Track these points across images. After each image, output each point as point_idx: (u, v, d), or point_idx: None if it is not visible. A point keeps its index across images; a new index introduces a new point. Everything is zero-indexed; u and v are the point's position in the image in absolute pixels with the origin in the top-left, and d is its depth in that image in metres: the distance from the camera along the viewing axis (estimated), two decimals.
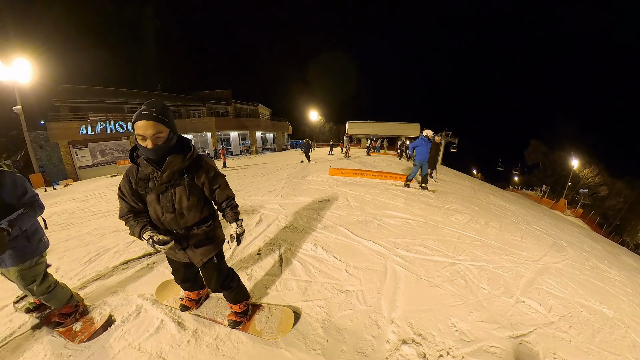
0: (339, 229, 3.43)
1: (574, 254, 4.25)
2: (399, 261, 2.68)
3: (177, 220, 1.34)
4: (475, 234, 3.63)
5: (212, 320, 1.77)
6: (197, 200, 1.37)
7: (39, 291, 1.52)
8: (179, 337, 1.64)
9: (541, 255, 3.47)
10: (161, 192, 1.30)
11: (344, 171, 7.52)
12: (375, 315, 1.92)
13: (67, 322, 1.65)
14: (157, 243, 1.22)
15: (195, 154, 1.36)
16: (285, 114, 40.22)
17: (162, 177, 1.27)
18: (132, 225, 1.31)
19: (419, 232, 3.47)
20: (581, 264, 3.69)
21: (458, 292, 2.24)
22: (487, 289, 2.32)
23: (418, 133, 25.63)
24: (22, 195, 1.44)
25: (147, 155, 1.22)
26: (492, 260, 2.88)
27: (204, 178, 1.38)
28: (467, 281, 2.41)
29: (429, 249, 2.99)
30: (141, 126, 1.14)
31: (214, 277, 1.52)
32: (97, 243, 3.18)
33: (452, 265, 2.67)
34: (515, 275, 2.64)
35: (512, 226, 4.64)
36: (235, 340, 1.64)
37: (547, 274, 2.85)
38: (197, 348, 1.57)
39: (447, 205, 4.96)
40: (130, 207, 1.34)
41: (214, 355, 1.52)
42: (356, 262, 2.64)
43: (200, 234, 1.41)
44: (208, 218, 1.46)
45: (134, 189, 1.31)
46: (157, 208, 1.32)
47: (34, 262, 1.50)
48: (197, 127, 23.16)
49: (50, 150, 17.88)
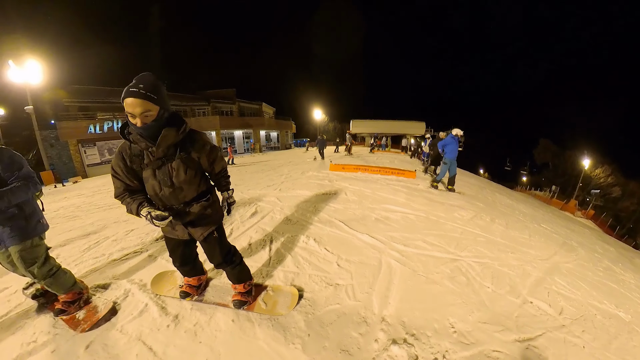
0: (334, 222, 3.34)
1: (586, 254, 4.00)
2: (395, 255, 2.52)
3: (176, 195, 1.33)
4: (479, 230, 3.42)
5: (215, 304, 1.74)
6: (195, 173, 1.36)
7: (40, 274, 1.49)
8: (160, 321, 1.64)
9: (551, 254, 3.24)
10: (157, 167, 1.28)
11: (345, 167, 7.38)
12: (364, 311, 1.79)
13: (71, 309, 1.62)
14: (156, 219, 1.20)
15: (188, 128, 1.34)
16: (289, 113, 40.31)
17: (158, 152, 1.25)
18: (129, 203, 1.29)
19: (419, 226, 3.29)
20: (594, 265, 3.44)
21: (458, 289, 2.07)
22: (490, 288, 2.13)
23: (423, 131, 25.17)
24: (17, 169, 1.44)
25: (137, 131, 1.20)
26: (497, 258, 2.68)
27: (201, 151, 1.38)
28: (469, 278, 2.23)
29: (428, 244, 2.81)
30: (129, 103, 1.11)
31: (217, 251, 1.52)
32: (98, 233, 3.30)
33: (454, 261, 2.49)
34: (522, 274, 2.44)
35: (520, 224, 4.40)
36: (214, 327, 1.60)
37: (557, 274, 2.64)
38: (176, 333, 1.56)
39: (451, 201, 4.74)
40: (126, 186, 1.32)
41: (191, 341, 1.50)
42: (349, 255, 2.52)
43: (199, 209, 1.41)
44: (206, 192, 1.46)
45: (129, 166, 1.29)
46: (155, 183, 1.30)
47: (34, 243, 1.49)
48: (201, 126, 23.34)
49: (60, 149, 18.47)
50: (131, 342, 1.49)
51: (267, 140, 29.61)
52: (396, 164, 9.61)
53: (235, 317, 1.67)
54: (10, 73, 11.74)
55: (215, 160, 1.50)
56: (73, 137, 17.65)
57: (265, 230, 3.13)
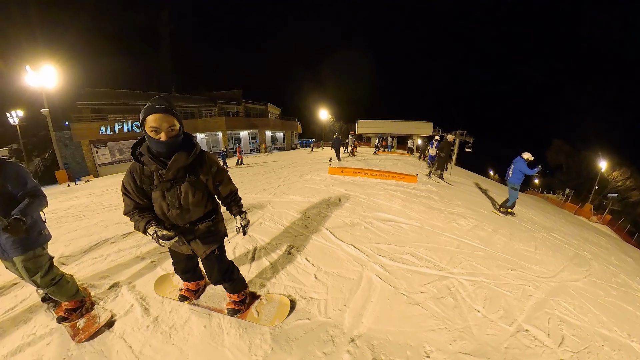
0: (321, 231, 3.22)
1: (599, 268, 3.69)
2: (378, 270, 2.36)
3: (183, 216, 1.37)
4: (478, 242, 3.19)
5: (210, 309, 1.79)
6: (202, 195, 1.39)
7: (43, 283, 1.54)
8: (141, 321, 1.74)
9: (558, 270, 2.98)
10: (166, 189, 1.31)
11: (343, 170, 7.21)
12: (333, 329, 1.69)
13: (73, 317, 1.67)
14: (162, 238, 1.23)
15: (199, 150, 1.36)
16: (295, 113, 40.26)
17: (167, 175, 1.29)
18: (137, 220, 1.32)
19: (410, 238, 3.10)
20: (607, 282, 3.15)
21: (443, 313, 1.88)
22: (481, 312, 1.93)
23: (431, 132, 24.56)
24: (23, 185, 1.49)
25: (159, 148, 1.23)
26: (494, 276, 2.46)
27: (208, 174, 1.40)
28: (458, 300, 2.04)
29: (418, 258, 2.63)
30: (157, 118, 1.16)
31: (215, 269, 1.55)
32: (99, 234, 3.42)
33: (443, 279, 2.30)
34: (521, 296, 2.22)
35: (526, 234, 4.12)
36: (187, 331, 1.66)
37: (562, 295, 2.40)
38: (153, 334, 1.64)
39: (452, 208, 4.50)
40: (136, 204, 1.35)
41: (165, 343, 1.58)
42: (329, 267, 2.41)
43: (204, 229, 1.44)
44: (211, 213, 1.48)
45: (139, 186, 1.33)
46: (163, 204, 1.34)
47: (36, 253, 1.53)
48: (208, 126, 23.67)
49: (74, 149, 19.24)
50: (114, 339, 1.60)
51: (273, 141, 29.70)
52: (399, 166, 9.34)
53: (207, 323, 1.72)
54: (28, 77, 12.51)
55: (222, 184, 1.49)
56: (86, 138, 18.44)
57: (252, 236, 3.07)
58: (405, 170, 8.26)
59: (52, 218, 4.55)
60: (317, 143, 30.00)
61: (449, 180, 7.81)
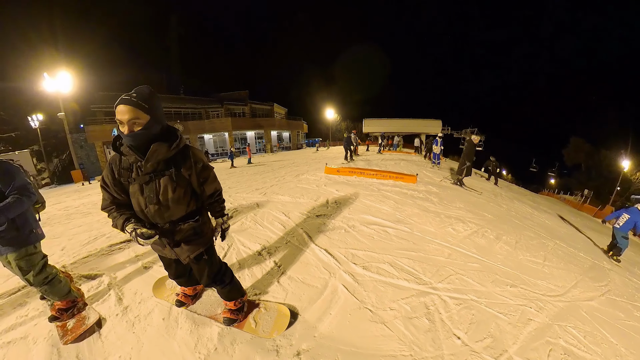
0: (297, 232, 3.08)
1: (620, 281, 3.20)
2: (347, 280, 2.11)
3: (162, 213, 1.27)
4: (475, 251, 2.81)
5: (206, 316, 1.71)
6: (184, 192, 1.30)
7: (36, 281, 1.56)
8: (114, 309, 1.82)
9: (569, 285, 2.56)
10: (145, 182, 1.24)
11: (340, 170, 6.91)
12: (281, 339, 1.54)
13: (64, 317, 1.68)
14: (141, 237, 1.17)
15: (182, 144, 1.28)
16: (301, 113, 40.09)
17: (146, 167, 1.21)
18: (115, 217, 1.26)
19: (394, 244, 2.77)
20: (629, 299, 2.69)
21: (412, 336, 1.58)
22: (462, 339, 1.60)
23: (439, 130, 23.69)
24: (10, 183, 1.49)
25: (126, 141, 1.17)
26: (487, 293, 2.10)
27: (191, 169, 1.30)
28: (435, 322, 1.71)
29: (397, 268, 2.30)
30: (119, 110, 1.11)
31: (205, 272, 1.48)
32: (99, 229, 3.60)
33: (422, 295, 1.98)
34: (518, 319, 1.86)
35: (535, 241, 3.67)
36: (148, 322, 1.71)
37: (571, 319, 2.00)
38: (119, 322, 1.72)
39: (450, 211, 4.10)
40: (113, 198, 1.29)
41: (127, 331, 1.64)
42: (295, 272, 2.25)
43: (187, 229, 1.35)
44: (195, 213, 1.38)
45: (117, 179, 1.26)
46: (141, 199, 1.26)
47: (28, 251, 1.54)
48: (215, 127, 24.04)
49: (88, 150, 20.42)
50: (88, 311, 1.75)
51: (279, 140, 29.70)
52: (401, 166, 8.89)
53: (166, 315, 1.76)
54: (46, 84, 13.28)
55: (207, 182, 1.39)
56: (99, 140, 19.39)
57: (230, 236, 3.04)
58: (407, 170, 7.83)
59: (64, 215, 4.87)
60: (323, 142, 29.71)
61: (473, 187, 6.55)
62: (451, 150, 30.30)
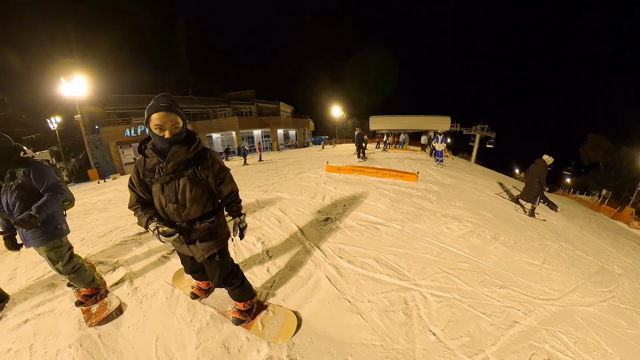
0: (290, 227, 3.16)
1: (630, 288, 3.01)
2: (331, 272, 2.19)
3: (180, 212, 1.34)
4: (467, 251, 2.72)
5: (217, 312, 1.80)
6: (201, 193, 1.36)
7: (64, 270, 1.74)
8: (126, 290, 2.09)
9: (567, 290, 2.43)
10: (165, 182, 1.32)
11: (340, 168, 6.86)
12: None
13: (88, 302, 1.85)
14: (162, 234, 1.24)
15: (201, 146, 1.36)
16: (308, 111, 40.01)
17: (167, 168, 1.29)
18: (140, 216, 1.35)
19: (382, 241, 2.74)
20: (635, 307, 2.52)
21: (385, 328, 1.59)
22: (437, 335, 1.56)
23: (448, 127, 23.03)
24: (43, 182, 1.63)
25: (163, 145, 1.25)
26: (473, 293, 2.02)
27: (208, 170, 1.38)
28: (412, 317, 1.69)
29: (382, 264, 2.29)
30: (161, 116, 1.19)
31: (217, 273, 1.53)
32: (114, 223, 3.90)
33: (403, 290, 1.95)
34: (502, 321, 1.78)
35: (536, 242, 3.51)
36: (153, 300, 1.94)
37: (563, 323, 1.90)
38: (130, 299, 1.97)
39: (448, 210, 3.98)
40: (138, 197, 1.38)
41: (136, 306, 1.89)
42: (284, 262, 2.40)
43: (202, 229, 1.41)
44: (211, 214, 1.43)
45: (142, 179, 1.35)
46: (162, 198, 1.34)
47: (55, 244, 1.69)
48: (222, 126, 24.47)
49: (103, 150, 21.31)
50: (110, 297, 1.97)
51: (285, 139, 29.85)
52: (405, 164, 8.71)
53: (169, 295, 1.97)
54: (63, 88, 14.09)
55: (224, 182, 1.46)
56: (113, 140, 20.33)
57: None
58: (410, 169, 7.68)
59: (82, 210, 5.21)
60: (330, 140, 29.60)
61: (541, 215, 5.00)
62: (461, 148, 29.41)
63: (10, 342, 1.61)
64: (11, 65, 24.18)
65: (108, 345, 1.56)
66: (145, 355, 1.48)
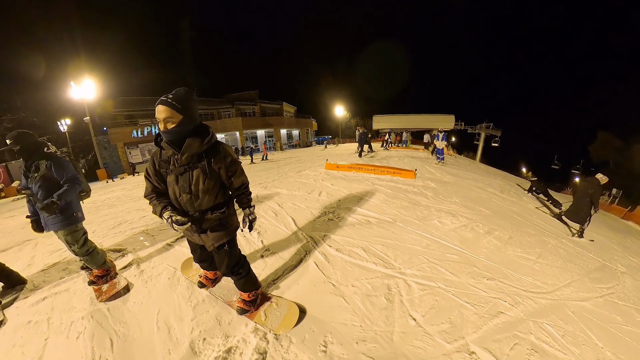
0: (286, 219, 3.25)
1: (632, 286, 2.91)
2: (319, 258, 2.28)
3: (192, 202, 1.39)
4: (458, 244, 2.67)
5: (223, 300, 1.85)
6: (213, 184, 1.41)
7: (80, 252, 1.96)
8: (133, 272, 2.27)
9: (561, 284, 2.37)
10: (180, 173, 1.36)
11: (339, 165, 6.85)
12: None
13: (99, 282, 2.06)
14: (175, 223, 1.30)
15: (214, 140, 1.40)
16: (311, 110, 39.98)
17: (182, 159, 1.33)
18: (155, 205, 1.41)
19: (372, 232, 2.75)
20: (635, 304, 2.43)
21: (366, 311, 1.63)
22: (417, 320, 1.56)
23: (452, 126, 22.70)
24: (64, 174, 1.87)
25: (164, 137, 1.32)
26: (459, 283, 1.99)
27: (221, 162, 1.42)
28: (393, 302, 1.71)
29: (369, 253, 2.32)
30: (157, 110, 1.26)
31: (225, 262, 1.58)
32: (123, 217, 4.15)
33: (387, 277, 1.97)
34: (487, 311, 1.74)
35: (533, 238, 3.42)
36: (157, 280, 2.11)
37: (552, 316, 1.85)
38: (137, 279, 2.16)
39: (443, 205, 3.92)
40: (154, 187, 1.44)
41: (142, 286, 2.07)
42: (277, 249, 2.50)
43: (213, 219, 1.45)
44: (222, 205, 1.48)
45: (157, 170, 1.41)
46: (176, 188, 1.39)
47: (71, 229, 1.91)
48: (226, 127, 24.77)
49: (111, 151, 21.94)
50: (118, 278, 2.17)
51: (288, 139, 29.96)
52: (405, 162, 8.62)
53: (171, 276, 2.15)
54: (72, 91, 14.55)
55: (235, 175, 1.50)
56: (120, 141, 20.89)
57: None
58: (409, 166, 7.60)
59: (92, 207, 5.43)
60: (333, 140, 29.56)
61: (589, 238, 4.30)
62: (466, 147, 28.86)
63: (30, 315, 1.81)
64: (23, 70, 25.02)
65: (116, 317, 1.72)
66: (147, 325, 1.65)
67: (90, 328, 1.62)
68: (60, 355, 1.46)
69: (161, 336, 1.54)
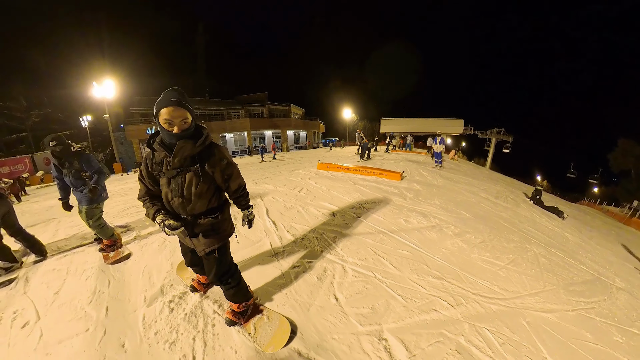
0: (261, 209, 3.54)
1: (625, 303, 2.61)
2: (275, 240, 2.62)
3: (185, 206, 1.34)
4: (415, 242, 2.52)
5: (213, 309, 1.76)
6: (207, 188, 1.35)
7: (94, 225, 2.48)
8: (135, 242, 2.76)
9: (525, 292, 2.16)
10: (172, 176, 1.31)
11: (330, 166, 6.81)
12: None
13: (107, 250, 2.55)
14: (168, 227, 1.26)
15: (208, 141, 1.33)
16: (319, 113, 40.27)
17: (174, 162, 1.28)
18: (148, 207, 1.38)
19: (333, 223, 2.88)
20: (617, 322, 2.16)
21: (296, 284, 1.87)
22: (339, 300, 1.61)
23: (461, 130, 21.99)
24: (92, 166, 2.40)
25: (171, 139, 1.24)
26: (398, 277, 1.87)
27: (215, 166, 1.35)
28: (323, 281, 1.89)
29: (320, 240, 2.49)
30: (170, 111, 1.19)
31: (213, 270, 1.50)
32: (132, 203, 4.66)
33: (328, 262, 2.09)
34: (419, 306, 1.61)
35: (512, 245, 3.18)
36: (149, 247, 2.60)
37: (497, 323, 1.68)
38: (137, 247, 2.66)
39: (419, 206, 3.75)
40: (147, 189, 1.41)
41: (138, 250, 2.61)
42: (244, 231, 2.73)
43: (205, 225, 1.40)
44: (215, 210, 1.43)
45: (150, 172, 1.37)
46: (168, 192, 1.35)
47: (94, 206, 2.45)
48: (235, 127, 25.36)
49: (127, 146, 23.36)
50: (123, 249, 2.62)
51: (295, 140, 30.20)
52: (400, 165, 8.40)
53: (161, 244, 2.59)
54: (94, 90, 15.76)
55: (231, 178, 1.45)
56: (136, 138, 22.15)
57: None
58: (400, 169, 7.40)
59: None
60: (338, 142, 29.48)
61: None
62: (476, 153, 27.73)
63: (54, 265, 2.40)
64: (51, 68, 26.93)
65: (115, 268, 2.30)
66: (136, 273, 2.18)
67: (96, 273, 2.20)
68: (73, 288, 2.03)
69: (143, 281, 2.04)
